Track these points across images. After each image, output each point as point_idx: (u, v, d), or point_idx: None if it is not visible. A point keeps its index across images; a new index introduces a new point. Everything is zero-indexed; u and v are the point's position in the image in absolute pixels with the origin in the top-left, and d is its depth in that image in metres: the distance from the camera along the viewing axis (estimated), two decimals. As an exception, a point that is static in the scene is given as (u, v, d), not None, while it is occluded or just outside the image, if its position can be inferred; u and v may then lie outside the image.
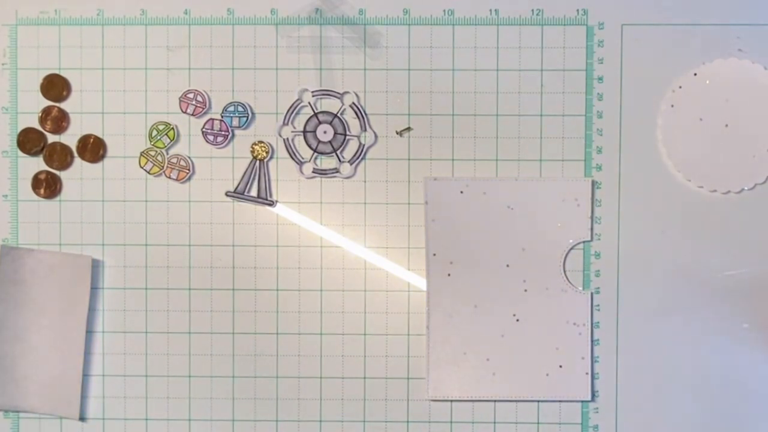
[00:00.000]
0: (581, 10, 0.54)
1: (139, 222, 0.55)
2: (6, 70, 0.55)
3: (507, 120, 0.54)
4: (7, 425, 0.55)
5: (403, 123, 0.54)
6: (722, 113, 0.53)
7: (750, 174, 0.53)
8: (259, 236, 0.55)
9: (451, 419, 0.54)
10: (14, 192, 0.55)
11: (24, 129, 0.55)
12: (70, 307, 0.54)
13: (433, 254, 0.54)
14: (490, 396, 0.54)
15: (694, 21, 0.54)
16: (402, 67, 0.54)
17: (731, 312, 0.54)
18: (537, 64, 0.54)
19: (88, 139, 0.55)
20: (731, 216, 0.54)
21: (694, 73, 0.53)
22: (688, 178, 0.54)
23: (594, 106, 0.54)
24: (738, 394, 0.54)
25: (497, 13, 0.54)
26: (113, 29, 0.55)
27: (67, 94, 0.55)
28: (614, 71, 0.54)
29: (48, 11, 0.55)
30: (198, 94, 0.54)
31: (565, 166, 0.54)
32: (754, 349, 0.54)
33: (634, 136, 0.54)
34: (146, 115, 0.55)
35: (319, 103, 0.54)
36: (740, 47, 0.53)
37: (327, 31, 0.54)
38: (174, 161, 0.54)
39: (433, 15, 0.54)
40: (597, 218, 0.54)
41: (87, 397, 0.55)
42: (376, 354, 0.55)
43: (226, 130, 0.54)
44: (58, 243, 0.55)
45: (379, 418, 0.55)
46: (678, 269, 0.54)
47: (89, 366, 0.55)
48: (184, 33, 0.55)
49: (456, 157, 0.54)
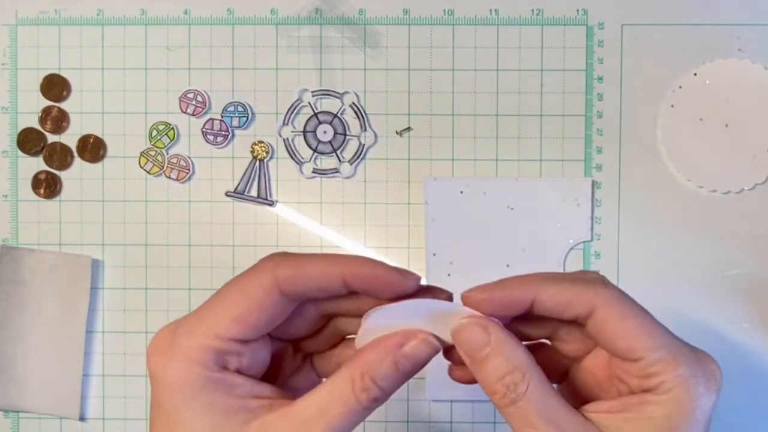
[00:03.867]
0: (581, 10, 0.54)
1: (139, 222, 0.55)
2: (6, 70, 0.55)
3: (507, 120, 0.54)
4: (7, 425, 0.55)
5: (403, 123, 0.54)
6: (722, 113, 0.53)
7: (750, 174, 0.53)
8: (259, 236, 0.55)
9: (451, 419, 0.54)
10: (14, 192, 0.55)
11: (24, 129, 0.55)
12: (70, 307, 0.54)
13: (433, 254, 0.54)
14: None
15: (694, 21, 0.54)
16: (402, 67, 0.54)
17: (731, 312, 0.54)
18: (537, 64, 0.54)
19: (88, 139, 0.55)
20: (731, 216, 0.54)
21: (694, 73, 0.53)
22: (688, 178, 0.54)
23: (594, 106, 0.54)
24: (738, 394, 0.54)
25: (497, 13, 0.54)
26: (113, 29, 0.55)
27: (67, 94, 0.55)
28: (614, 71, 0.54)
29: (48, 11, 0.55)
30: (198, 94, 0.54)
31: (565, 166, 0.54)
32: (754, 349, 0.54)
33: (634, 136, 0.54)
34: (146, 115, 0.55)
35: (319, 103, 0.54)
36: (740, 47, 0.53)
37: (327, 31, 0.54)
38: (174, 161, 0.54)
39: (433, 15, 0.54)
40: (597, 218, 0.54)
41: (87, 397, 0.55)
42: (376, 354, 0.55)
43: (226, 130, 0.54)
44: (58, 243, 0.55)
45: (379, 418, 0.55)
46: (678, 269, 0.54)
47: (89, 366, 0.55)
48: (184, 33, 0.55)
49: (456, 157, 0.54)
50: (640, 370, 0.30)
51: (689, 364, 0.29)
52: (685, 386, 0.29)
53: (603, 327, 0.30)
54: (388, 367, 0.30)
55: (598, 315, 0.30)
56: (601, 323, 0.30)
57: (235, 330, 0.30)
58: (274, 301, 0.30)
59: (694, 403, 0.29)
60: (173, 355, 0.30)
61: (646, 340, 0.29)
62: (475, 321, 0.30)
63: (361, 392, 0.30)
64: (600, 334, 0.30)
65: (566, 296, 0.30)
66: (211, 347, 0.30)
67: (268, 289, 0.30)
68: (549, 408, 0.29)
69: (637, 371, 0.30)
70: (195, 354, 0.30)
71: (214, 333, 0.30)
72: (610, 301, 0.30)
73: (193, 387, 0.29)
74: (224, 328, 0.30)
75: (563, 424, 0.29)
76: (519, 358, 0.30)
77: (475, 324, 0.30)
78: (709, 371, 0.30)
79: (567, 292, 0.30)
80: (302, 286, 0.31)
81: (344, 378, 0.30)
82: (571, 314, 0.30)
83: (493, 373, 0.30)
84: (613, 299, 0.30)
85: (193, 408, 0.29)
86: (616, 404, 0.30)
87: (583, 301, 0.30)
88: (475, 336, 0.30)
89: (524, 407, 0.29)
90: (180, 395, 0.29)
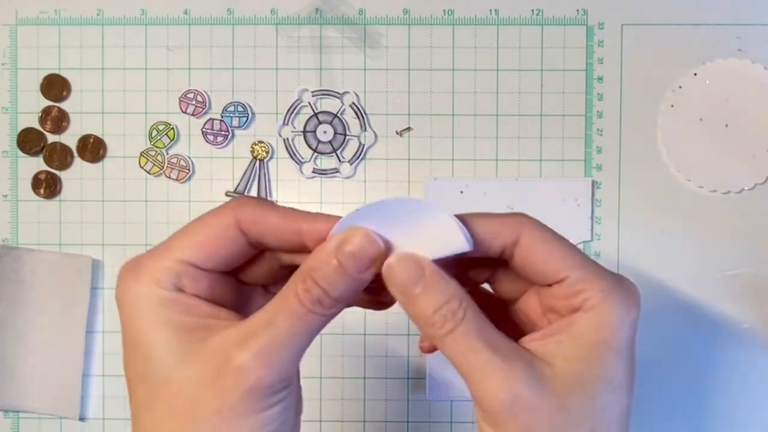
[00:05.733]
0: (581, 10, 0.54)
1: (139, 222, 0.55)
2: (6, 70, 0.55)
3: (507, 120, 0.54)
4: (7, 425, 0.55)
5: (403, 123, 0.54)
6: (722, 113, 0.53)
7: (750, 174, 0.53)
8: (259, 236, 0.55)
9: (451, 419, 0.54)
10: (14, 192, 0.55)
11: (24, 129, 0.55)
12: (70, 307, 0.54)
13: (433, 254, 0.54)
14: (490, 396, 0.54)
15: (694, 21, 0.54)
16: (402, 67, 0.54)
17: (731, 312, 0.54)
18: (537, 64, 0.54)
19: (88, 139, 0.55)
20: (731, 216, 0.54)
21: (694, 73, 0.53)
22: (688, 178, 0.54)
23: (594, 106, 0.54)
24: (738, 394, 0.54)
25: (497, 13, 0.54)
26: (113, 29, 0.55)
27: (67, 94, 0.55)
28: (614, 71, 0.54)
29: (48, 11, 0.55)
30: (198, 94, 0.54)
31: (565, 166, 0.54)
32: (754, 349, 0.54)
33: (634, 136, 0.54)
34: (146, 115, 0.55)
35: (319, 103, 0.54)
36: (740, 47, 0.53)
37: (327, 31, 0.54)
38: (174, 161, 0.54)
39: (433, 15, 0.54)
40: (597, 218, 0.54)
41: (87, 397, 0.55)
42: (376, 354, 0.55)
43: (226, 130, 0.54)
44: (58, 243, 0.55)
45: (379, 418, 0.55)
46: (678, 269, 0.54)
47: (89, 366, 0.55)
48: (184, 33, 0.55)
49: (456, 157, 0.54)
50: (565, 289, 0.31)
51: (609, 281, 0.31)
52: (608, 300, 0.30)
53: (528, 254, 0.31)
54: (331, 268, 0.30)
55: (523, 242, 0.31)
56: (526, 250, 0.31)
57: (193, 254, 0.31)
58: (233, 237, 0.31)
59: (616, 316, 0.30)
60: (136, 278, 0.31)
61: (568, 261, 0.31)
62: (407, 257, 0.31)
63: (304, 293, 0.30)
64: (526, 262, 0.31)
65: (493, 227, 0.31)
66: (170, 269, 0.31)
67: (228, 224, 0.31)
68: (487, 334, 0.30)
69: (563, 292, 0.31)
70: (155, 274, 0.31)
71: (174, 256, 0.31)
72: (534, 229, 0.31)
73: (151, 305, 0.30)
74: (183, 252, 0.31)
75: (502, 348, 0.30)
76: (454, 288, 0.30)
77: (408, 260, 0.30)
78: (627, 288, 0.31)
79: (494, 224, 0.31)
80: (260, 233, 0.31)
81: (288, 285, 0.31)
82: (499, 244, 0.31)
83: (429, 306, 0.30)
84: (536, 227, 0.32)
85: (152, 325, 0.30)
86: (548, 331, 0.31)
87: (510, 230, 0.31)
88: (408, 272, 0.30)
89: (464, 332, 0.30)
90: (140, 314, 0.30)
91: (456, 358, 0.30)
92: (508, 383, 0.29)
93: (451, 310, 0.30)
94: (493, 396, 0.29)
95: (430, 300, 0.30)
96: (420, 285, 0.30)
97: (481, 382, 0.29)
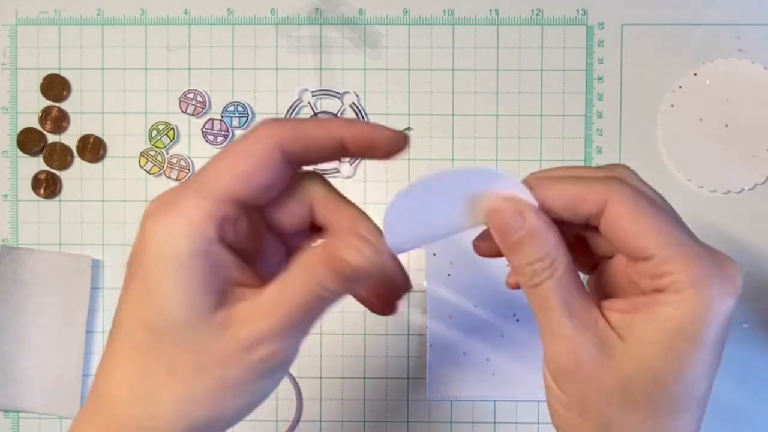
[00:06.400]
0: (581, 10, 0.54)
1: (138, 222, 0.55)
2: (6, 70, 0.55)
3: (507, 120, 0.54)
4: (7, 425, 0.55)
5: (403, 123, 0.54)
6: (722, 113, 0.53)
7: (750, 174, 0.53)
8: (259, 236, 0.55)
9: (451, 419, 0.54)
10: (14, 192, 0.55)
11: (24, 129, 0.55)
12: (70, 307, 0.54)
13: (433, 254, 0.54)
14: (490, 396, 0.54)
15: (694, 21, 0.54)
16: (402, 67, 0.54)
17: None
18: (537, 64, 0.54)
19: (88, 139, 0.55)
20: (731, 216, 0.54)
21: (694, 73, 0.53)
22: (688, 178, 0.54)
23: (594, 106, 0.54)
24: (737, 394, 0.54)
25: (497, 13, 0.54)
26: (113, 29, 0.55)
27: (67, 94, 0.55)
28: (614, 71, 0.54)
29: (48, 11, 0.55)
30: (198, 94, 0.54)
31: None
32: (754, 349, 0.54)
33: (634, 136, 0.54)
34: (146, 115, 0.55)
35: (319, 103, 0.54)
36: (740, 47, 0.53)
37: (327, 31, 0.54)
38: (174, 161, 0.54)
39: (433, 15, 0.54)
40: (597, 218, 0.54)
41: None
42: (376, 354, 0.55)
43: (226, 130, 0.54)
44: (58, 243, 0.55)
45: (379, 418, 0.55)
46: (678, 269, 0.54)
47: (89, 366, 0.55)
48: (184, 33, 0.55)
49: (456, 157, 0.54)
50: (651, 268, 0.29)
51: (703, 265, 0.28)
52: (697, 287, 0.27)
53: (615, 225, 0.29)
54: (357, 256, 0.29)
55: (609, 213, 0.29)
56: (613, 221, 0.29)
57: (238, 188, 0.29)
58: (276, 161, 0.30)
59: (705, 306, 0.27)
60: (173, 217, 0.29)
61: (657, 238, 0.28)
62: (511, 205, 0.30)
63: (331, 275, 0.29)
64: (612, 233, 0.29)
65: (577, 193, 0.30)
66: (211, 213, 0.29)
67: (271, 146, 0.30)
68: (568, 296, 0.29)
69: (648, 270, 0.29)
70: (194, 217, 0.28)
71: (216, 194, 0.29)
72: (622, 199, 0.29)
73: (181, 256, 0.28)
74: (226, 187, 0.29)
75: (578, 314, 0.29)
76: (551, 246, 0.30)
77: (511, 209, 0.30)
78: (726, 274, 0.28)
79: (577, 190, 0.30)
80: (303, 148, 0.30)
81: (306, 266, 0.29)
82: (583, 213, 0.30)
83: (523, 258, 0.30)
84: (625, 196, 0.29)
85: (176, 281, 0.28)
86: (632, 304, 0.30)
87: (595, 196, 0.30)
88: (509, 220, 0.30)
89: (545, 291, 0.29)
90: (166, 265, 0.28)
91: (534, 309, 0.30)
92: (572, 350, 0.29)
93: (542, 267, 0.29)
94: (557, 357, 0.30)
95: (524, 252, 0.30)
96: (517, 234, 0.30)
97: (549, 341, 0.30)
